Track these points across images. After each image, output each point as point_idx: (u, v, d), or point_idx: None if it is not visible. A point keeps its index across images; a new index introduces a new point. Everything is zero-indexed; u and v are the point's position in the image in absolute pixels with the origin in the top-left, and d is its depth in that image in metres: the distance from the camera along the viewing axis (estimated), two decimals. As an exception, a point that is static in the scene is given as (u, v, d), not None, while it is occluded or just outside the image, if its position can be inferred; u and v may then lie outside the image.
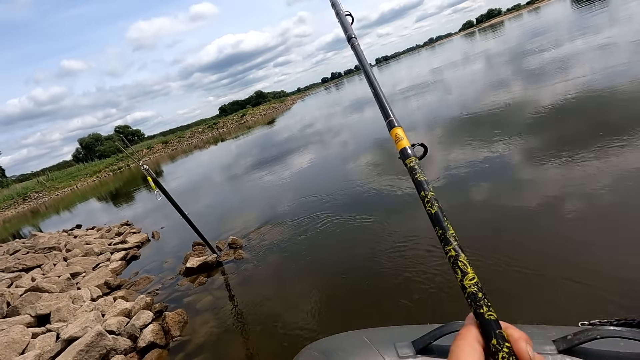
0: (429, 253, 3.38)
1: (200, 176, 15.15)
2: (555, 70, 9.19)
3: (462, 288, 0.49)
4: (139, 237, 7.53)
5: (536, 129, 5.79)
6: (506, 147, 5.43)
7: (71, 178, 43.30)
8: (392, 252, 3.65)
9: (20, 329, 3.73)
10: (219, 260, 4.91)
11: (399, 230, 4.05)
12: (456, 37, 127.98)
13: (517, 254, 2.94)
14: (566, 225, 3.10)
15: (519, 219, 3.45)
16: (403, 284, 3.11)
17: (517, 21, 52.46)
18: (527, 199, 3.71)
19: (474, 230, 3.54)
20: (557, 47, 12.75)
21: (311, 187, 6.96)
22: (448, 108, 9.61)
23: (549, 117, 6.15)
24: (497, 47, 23.24)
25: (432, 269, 3.14)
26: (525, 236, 3.16)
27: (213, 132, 56.15)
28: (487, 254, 3.05)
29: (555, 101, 6.72)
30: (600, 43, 10.38)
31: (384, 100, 0.76)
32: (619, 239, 2.73)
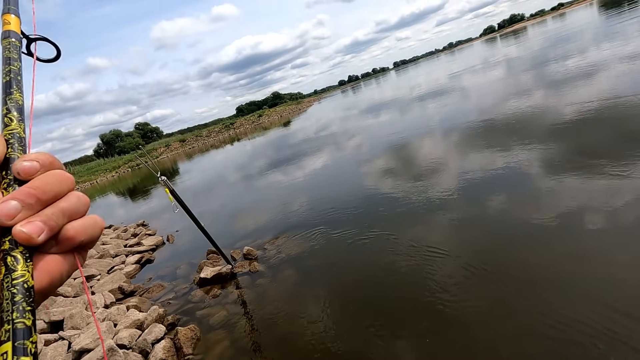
0: (445, 270, 3.17)
1: (215, 177, 15.20)
2: (578, 79, 8.78)
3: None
4: (154, 240, 7.52)
5: (555, 139, 5.50)
6: (522, 156, 5.16)
7: (92, 173, 44.44)
8: (413, 272, 3.45)
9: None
10: (234, 271, 4.79)
11: (419, 246, 3.84)
12: (477, 42, 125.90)
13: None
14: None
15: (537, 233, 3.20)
16: (428, 312, 2.90)
17: (541, 27, 51.09)
18: (545, 211, 3.45)
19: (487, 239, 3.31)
20: (582, 54, 12.25)
21: (328, 195, 6.80)
22: (465, 115, 9.30)
23: (569, 128, 5.84)
24: (518, 53, 22.58)
25: (453, 288, 2.93)
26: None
27: (230, 131, 56.73)
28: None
29: (577, 111, 6.38)
30: (629, 52, 9.87)
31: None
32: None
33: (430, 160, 6.77)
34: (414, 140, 8.83)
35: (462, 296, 2.97)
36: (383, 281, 3.54)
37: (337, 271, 4.03)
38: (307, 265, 4.42)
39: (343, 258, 4.26)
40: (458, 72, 24.45)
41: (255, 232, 6.26)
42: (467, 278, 3.15)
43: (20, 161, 0.35)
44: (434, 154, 7.14)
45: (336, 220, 5.46)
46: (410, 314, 2.99)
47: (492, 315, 2.69)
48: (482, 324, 2.64)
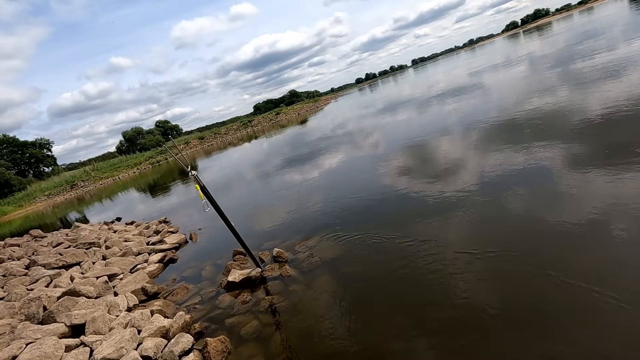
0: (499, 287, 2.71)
1: (234, 174, 14.98)
2: (606, 76, 8.02)
3: None
4: (176, 238, 7.27)
5: (580, 139, 4.93)
6: (544, 156, 4.60)
7: (114, 169, 45.35)
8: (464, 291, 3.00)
9: (54, 342, 3.43)
10: (263, 275, 4.44)
11: (466, 253, 3.38)
12: (498, 39, 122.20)
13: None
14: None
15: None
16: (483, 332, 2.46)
17: (567, 22, 48.72)
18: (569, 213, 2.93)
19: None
20: (610, 51, 11.30)
21: (354, 195, 6.38)
22: (484, 113, 8.64)
23: (594, 129, 5.23)
24: (542, 49, 21.30)
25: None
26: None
27: (247, 129, 56.88)
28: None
29: (604, 112, 5.75)
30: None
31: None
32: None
33: (451, 163, 6.25)
34: (436, 139, 8.26)
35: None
36: (436, 296, 3.10)
37: (382, 283, 3.61)
38: (345, 272, 4.01)
39: (387, 267, 3.84)
40: (478, 69, 23.35)
41: (281, 232, 5.91)
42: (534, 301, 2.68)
43: None
44: (453, 155, 6.60)
45: (369, 221, 5.04)
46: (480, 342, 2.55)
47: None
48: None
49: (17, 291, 5.02)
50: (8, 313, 4.37)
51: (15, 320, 4.13)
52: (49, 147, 55.68)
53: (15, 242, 9.92)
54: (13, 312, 4.34)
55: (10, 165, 47.84)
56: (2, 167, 42.36)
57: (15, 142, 50.88)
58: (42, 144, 54.49)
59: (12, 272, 6.03)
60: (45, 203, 34.88)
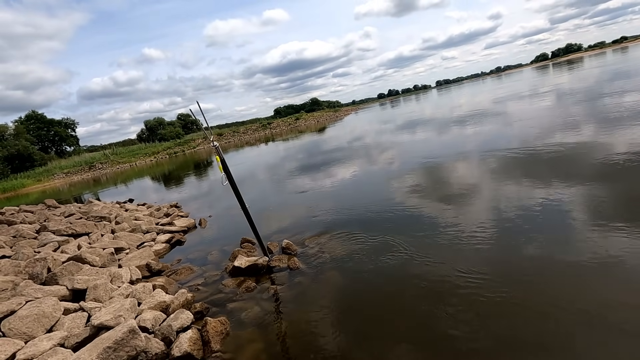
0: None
1: (249, 171, 15.01)
2: (633, 119, 7.64)
3: None
4: (186, 222, 7.24)
5: (599, 181, 4.65)
6: (557, 194, 4.34)
7: (132, 155, 46.28)
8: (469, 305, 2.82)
9: (53, 303, 3.38)
10: (270, 264, 4.33)
11: (468, 273, 3.19)
12: (527, 69, 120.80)
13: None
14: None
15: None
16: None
17: (599, 59, 47.55)
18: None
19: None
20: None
21: (369, 202, 6.23)
22: (503, 143, 8.32)
23: (615, 171, 4.94)
24: (571, 84, 20.60)
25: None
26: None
27: (266, 131, 57.42)
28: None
29: (627, 155, 5.44)
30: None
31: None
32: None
33: (463, 185, 6.04)
34: (452, 162, 8.02)
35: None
36: (437, 312, 2.93)
37: (388, 287, 3.45)
38: (353, 270, 3.86)
39: (394, 273, 3.67)
40: (503, 97, 22.80)
41: (292, 227, 5.80)
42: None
43: None
44: (467, 178, 6.39)
45: (382, 229, 4.88)
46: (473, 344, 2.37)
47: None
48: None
49: (24, 251, 5.03)
50: (13, 271, 4.37)
51: (19, 278, 4.11)
52: (74, 128, 57.29)
53: (29, 209, 10.09)
54: (18, 270, 4.34)
55: (35, 140, 49.36)
56: (27, 142, 43.71)
57: (43, 119, 52.56)
58: (68, 123, 56.11)
59: (23, 234, 6.08)
60: (62, 180, 35.73)
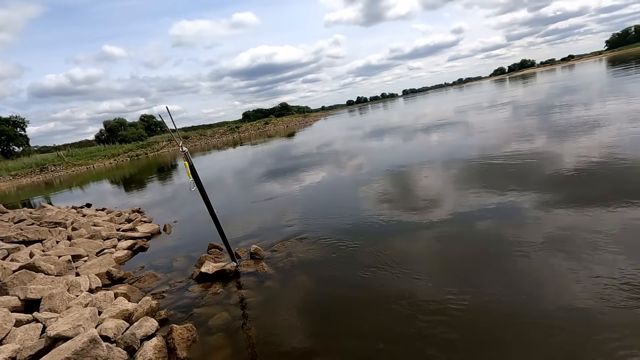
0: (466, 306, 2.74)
1: (216, 176, 14.76)
2: (579, 131, 8.46)
3: None
4: (149, 228, 7.01)
5: (548, 187, 5.18)
6: (515, 199, 4.79)
7: (90, 157, 43.77)
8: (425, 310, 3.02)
9: (3, 314, 3.18)
10: (238, 270, 4.32)
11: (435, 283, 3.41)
12: (486, 81, 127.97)
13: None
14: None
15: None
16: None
17: (550, 75, 51.48)
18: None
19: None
20: (586, 108, 11.87)
21: (340, 208, 6.37)
22: (465, 151, 8.89)
23: (564, 178, 5.51)
24: (525, 97, 22.22)
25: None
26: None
27: (234, 135, 56.51)
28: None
29: (575, 163, 6.07)
30: (632, 110, 9.66)
31: None
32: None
33: (429, 190, 6.38)
34: (413, 168, 8.40)
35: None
36: (395, 307, 3.09)
37: (354, 290, 3.57)
38: (321, 274, 3.96)
39: (361, 275, 3.81)
40: (465, 108, 23.93)
41: (260, 232, 5.81)
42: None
43: None
44: (432, 184, 6.76)
45: (349, 233, 5.02)
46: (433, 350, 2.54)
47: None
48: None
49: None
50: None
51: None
52: (23, 126, 53.31)
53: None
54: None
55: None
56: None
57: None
58: (17, 122, 52.12)
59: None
60: (9, 183, 33.08)
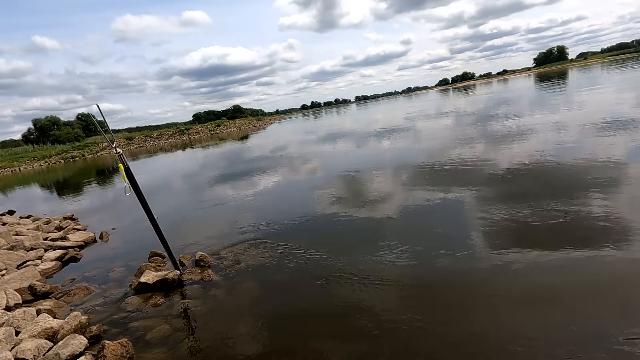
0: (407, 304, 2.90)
1: (163, 180, 14.01)
2: (512, 137, 9.47)
3: None
4: (83, 236, 6.44)
5: (487, 186, 5.74)
6: (456, 196, 5.24)
7: (15, 159, 39.27)
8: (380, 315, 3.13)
9: None
10: (182, 278, 4.11)
11: (373, 278, 3.55)
12: (432, 91, 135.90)
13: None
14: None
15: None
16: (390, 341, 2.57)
17: (487, 87, 56.31)
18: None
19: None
20: (518, 117, 13.33)
21: (290, 212, 6.34)
22: (412, 155, 9.48)
23: (501, 178, 6.13)
24: (467, 107, 24.23)
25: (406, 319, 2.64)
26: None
27: (183, 137, 54.08)
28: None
29: (508, 165, 6.78)
30: (554, 120, 11.08)
31: None
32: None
33: (380, 194, 6.60)
34: (365, 172, 8.66)
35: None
36: (347, 309, 3.16)
37: (304, 294, 3.55)
38: (270, 279, 3.89)
39: (310, 280, 3.81)
40: (413, 115, 25.21)
41: (208, 239, 5.58)
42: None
43: None
44: (383, 188, 7.02)
45: (299, 237, 5.00)
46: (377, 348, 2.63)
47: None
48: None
49: None
50: None
51: None
52: None
53: None
54: None
55: None
56: None
57: None
58: None
59: None
60: None
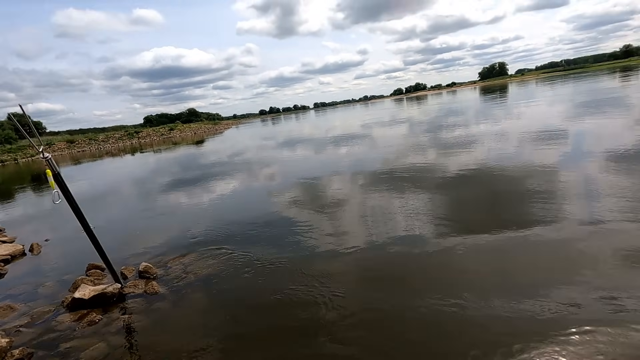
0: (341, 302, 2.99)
1: (108, 187, 13.11)
2: (460, 144, 10.24)
3: None
4: (9, 249, 5.80)
5: (437, 190, 6.14)
6: (412, 201, 5.57)
7: None
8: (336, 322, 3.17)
9: None
10: (123, 292, 3.84)
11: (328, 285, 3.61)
12: (387, 100, 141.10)
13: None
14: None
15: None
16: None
17: (438, 98, 59.86)
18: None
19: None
20: (465, 126, 14.40)
21: (244, 219, 6.20)
22: (369, 162, 9.84)
23: (451, 183, 6.58)
24: (419, 116, 25.65)
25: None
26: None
27: (133, 140, 51.05)
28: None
29: (456, 168, 7.31)
30: (497, 130, 12.16)
31: None
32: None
33: (339, 199, 6.69)
34: (324, 178, 8.78)
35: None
36: (297, 318, 3.15)
37: (256, 303, 3.47)
38: (220, 289, 3.76)
39: (263, 288, 3.73)
40: (370, 123, 26.00)
41: (155, 248, 5.29)
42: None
43: None
44: (342, 193, 7.14)
45: (253, 245, 4.91)
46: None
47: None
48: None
49: None
50: None
51: None
52: None
53: None
54: None
55: None
56: None
57: None
58: None
59: None
60: None
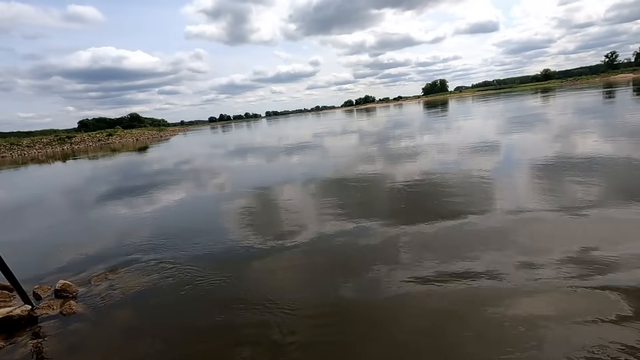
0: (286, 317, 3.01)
1: (29, 198, 11.79)
2: (406, 155, 10.90)
3: None
4: None
5: (387, 199, 6.47)
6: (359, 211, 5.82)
7: None
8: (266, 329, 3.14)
9: None
10: (34, 314, 3.44)
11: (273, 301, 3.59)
12: (338, 111, 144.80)
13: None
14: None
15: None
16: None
17: (386, 110, 62.92)
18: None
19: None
20: (411, 138, 15.35)
21: (189, 231, 5.93)
22: (320, 170, 10.09)
23: (398, 192, 6.97)
24: (369, 127, 26.83)
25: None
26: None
27: (64, 146, 46.54)
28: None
29: (402, 176, 7.77)
30: (439, 142, 13.14)
31: None
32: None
33: (286, 210, 6.64)
34: (273, 187, 8.76)
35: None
36: (232, 334, 3.08)
37: (191, 320, 3.30)
38: (151, 305, 3.52)
39: (202, 302, 3.57)
40: (322, 132, 26.51)
41: (79, 264, 4.83)
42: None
43: None
44: (290, 203, 7.15)
45: (197, 256, 4.69)
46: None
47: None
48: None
49: None
50: None
51: None
52: None
53: None
54: None
55: None
56: None
57: None
58: None
59: None
60: None
